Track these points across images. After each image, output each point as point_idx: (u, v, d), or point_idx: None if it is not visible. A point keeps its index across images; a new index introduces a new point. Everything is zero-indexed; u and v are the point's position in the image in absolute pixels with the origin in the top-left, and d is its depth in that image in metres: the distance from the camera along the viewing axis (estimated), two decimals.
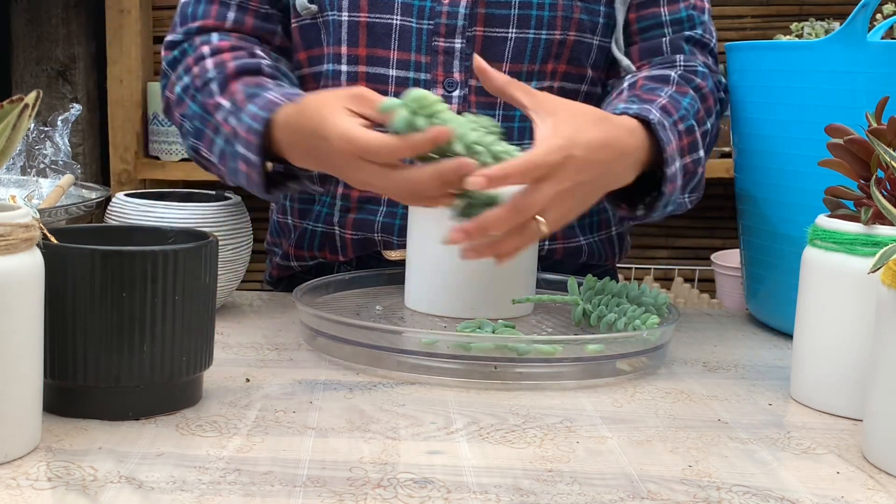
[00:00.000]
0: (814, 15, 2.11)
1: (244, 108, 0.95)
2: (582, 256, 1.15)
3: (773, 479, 0.65)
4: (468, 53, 1.05)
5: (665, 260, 2.28)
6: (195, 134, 1.02)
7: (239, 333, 0.95)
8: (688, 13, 1.10)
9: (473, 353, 0.82)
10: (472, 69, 1.03)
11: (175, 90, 1.05)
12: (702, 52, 1.10)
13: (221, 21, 1.07)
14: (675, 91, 1.02)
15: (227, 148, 0.98)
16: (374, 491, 0.61)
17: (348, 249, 1.12)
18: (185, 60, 1.05)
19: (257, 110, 0.93)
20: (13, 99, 0.61)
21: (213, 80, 1.01)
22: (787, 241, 0.99)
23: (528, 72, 1.06)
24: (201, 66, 1.02)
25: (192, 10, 1.08)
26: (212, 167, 1.03)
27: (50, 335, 0.68)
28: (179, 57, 1.06)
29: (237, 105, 0.97)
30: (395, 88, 1.05)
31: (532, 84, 1.06)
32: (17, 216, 0.62)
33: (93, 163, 2.27)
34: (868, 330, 0.73)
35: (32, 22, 2.21)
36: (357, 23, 1.05)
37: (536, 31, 1.05)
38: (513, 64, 1.05)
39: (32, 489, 0.59)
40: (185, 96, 1.03)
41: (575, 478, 0.64)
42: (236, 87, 0.99)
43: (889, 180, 0.78)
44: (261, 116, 0.92)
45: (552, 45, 1.06)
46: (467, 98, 1.06)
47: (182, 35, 1.07)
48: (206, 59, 1.03)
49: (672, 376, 0.88)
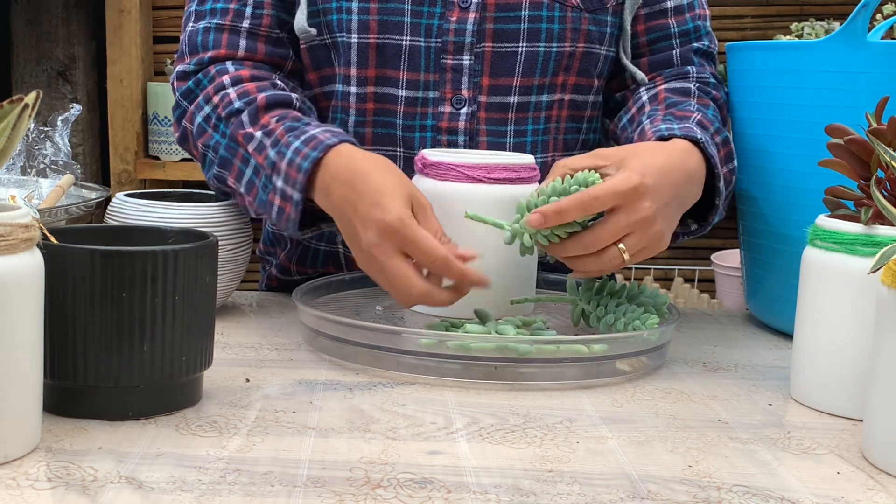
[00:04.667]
0: (814, 15, 2.11)
1: (284, 142, 0.94)
2: None
3: (773, 479, 0.65)
4: (477, 70, 1.04)
5: (665, 260, 2.28)
6: (221, 164, 1.00)
7: (239, 333, 0.95)
8: (694, 24, 1.12)
9: (473, 353, 0.82)
10: (481, 85, 1.05)
11: (195, 120, 1.03)
12: (709, 64, 1.13)
13: (234, 50, 1.05)
14: (698, 104, 1.04)
15: (256, 180, 0.96)
16: (374, 491, 0.61)
17: (353, 264, 1.12)
18: (204, 90, 1.03)
19: (305, 148, 0.92)
20: (13, 99, 0.61)
21: (243, 111, 0.99)
22: (787, 241, 0.99)
23: (539, 85, 1.06)
24: (223, 95, 1.01)
25: (201, 40, 1.05)
26: (237, 197, 1.01)
27: (50, 335, 0.68)
28: (194, 88, 1.04)
29: (276, 138, 0.95)
30: (404, 108, 1.05)
31: (542, 97, 1.07)
32: (17, 216, 0.62)
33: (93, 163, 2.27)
34: (868, 330, 0.73)
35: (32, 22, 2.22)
36: (367, 44, 1.04)
37: (547, 45, 1.05)
38: (523, 78, 1.05)
39: (32, 489, 0.59)
40: (208, 126, 1.02)
41: (575, 478, 0.64)
42: (268, 119, 0.98)
43: (889, 180, 0.78)
44: (311, 156, 0.91)
45: (563, 57, 1.06)
46: (476, 115, 1.05)
47: (194, 66, 1.05)
48: (229, 90, 1.01)
49: (672, 376, 0.88)
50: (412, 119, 1.05)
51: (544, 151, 1.09)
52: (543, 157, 1.09)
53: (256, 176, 0.96)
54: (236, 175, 0.99)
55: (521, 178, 0.95)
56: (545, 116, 1.08)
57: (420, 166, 0.97)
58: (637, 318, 0.88)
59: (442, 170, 0.94)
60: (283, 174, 0.93)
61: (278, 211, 0.94)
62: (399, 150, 1.06)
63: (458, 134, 1.05)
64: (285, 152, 0.93)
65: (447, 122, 1.05)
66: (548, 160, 1.09)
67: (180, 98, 1.05)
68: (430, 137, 1.06)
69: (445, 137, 1.06)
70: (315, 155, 0.91)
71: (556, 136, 1.10)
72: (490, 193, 0.92)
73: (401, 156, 1.06)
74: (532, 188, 0.96)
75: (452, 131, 1.05)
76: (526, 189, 0.95)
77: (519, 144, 1.07)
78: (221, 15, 1.05)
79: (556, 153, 1.10)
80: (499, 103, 1.05)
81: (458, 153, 0.98)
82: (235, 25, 1.05)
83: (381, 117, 1.06)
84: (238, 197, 1.01)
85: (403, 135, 1.06)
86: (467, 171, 0.93)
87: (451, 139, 1.06)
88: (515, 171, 0.94)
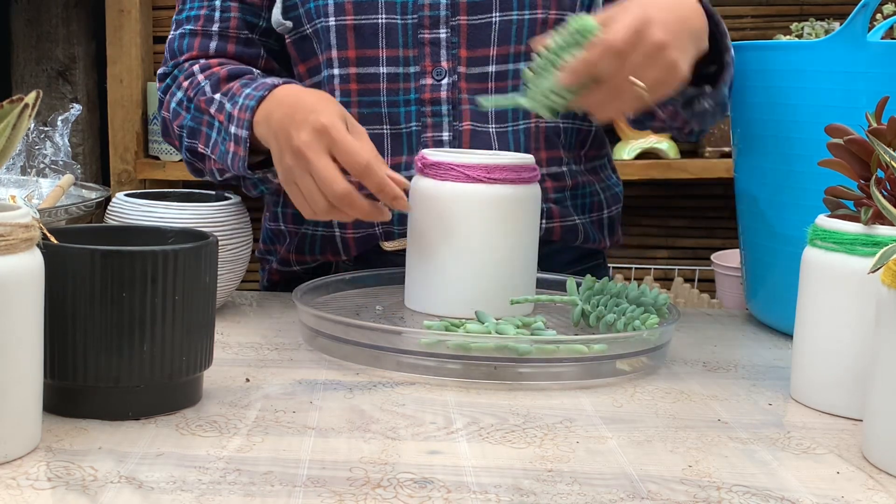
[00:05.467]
0: (814, 15, 2.11)
1: (238, 93, 1.01)
2: (578, 237, 1.16)
3: (773, 479, 0.65)
4: (454, 42, 1.08)
5: (665, 260, 2.28)
6: (190, 134, 1.08)
7: (239, 333, 0.95)
8: None
9: (473, 352, 0.82)
10: (459, 56, 1.08)
11: (170, 107, 1.11)
12: None
13: (205, 51, 1.13)
14: None
15: (217, 137, 1.03)
16: (374, 491, 0.61)
17: (351, 248, 1.13)
18: (177, 80, 1.12)
19: (253, 91, 1.00)
20: (13, 99, 0.61)
21: (206, 84, 1.07)
22: (787, 241, 0.99)
23: (515, 53, 1.09)
24: (192, 80, 1.09)
25: (177, 45, 1.14)
26: (207, 163, 1.08)
27: (50, 335, 0.68)
28: (171, 83, 1.13)
29: (232, 93, 1.03)
30: (387, 85, 1.09)
31: (520, 64, 1.09)
32: (17, 216, 0.62)
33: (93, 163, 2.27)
34: (868, 330, 0.73)
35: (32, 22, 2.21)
36: (344, 26, 1.07)
37: (519, 13, 1.08)
38: (499, 47, 1.08)
39: (32, 489, 0.59)
40: (181, 109, 1.10)
41: (575, 478, 0.64)
42: (229, 84, 1.05)
43: (889, 180, 0.78)
44: (256, 95, 0.98)
45: (535, 24, 1.08)
46: (457, 84, 1.09)
47: (171, 67, 1.14)
48: (197, 75, 1.09)
49: (672, 376, 0.88)
50: (395, 94, 1.09)
51: (526, 118, 1.11)
52: (526, 123, 1.11)
53: (218, 133, 1.03)
54: (204, 140, 1.06)
55: (521, 178, 0.95)
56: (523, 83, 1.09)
57: (420, 166, 0.97)
58: (637, 318, 0.88)
59: (442, 170, 0.94)
60: (236, 119, 1.00)
61: (232, 157, 1.00)
62: (385, 127, 1.10)
63: (441, 104, 1.09)
64: (238, 100, 1.01)
65: (429, 93, 1.09)
66: (531, 127, 1.11)
67: (161, 95, 1.15)
68: (414, 111, 1.09)
69: (430, 108, 1.09)
70: (260, 94, 0.98)
71: None
72: (490, 193, 0.92)
73: (387, 132, 1.10)
74: (533, 188, 0.96)
75: (436, 101, 1.09)
76: (526, 189, 0.95)
77: (500, 112, 1.10)
78: (194, 21, 1.14)
79: (538, 120, 1.11)
80: (478, 74, 1.09)
81: (458, 153, 0.98)
82: (206, 29, 1.13)
83: (365, 97, 1.09)
84: (208, 163, 1.08)
85: (388, 111, 1.09)
86: (467, 171, 0.93)
87: (435, 109, 1.09)
88: (515, 171, 0.94)
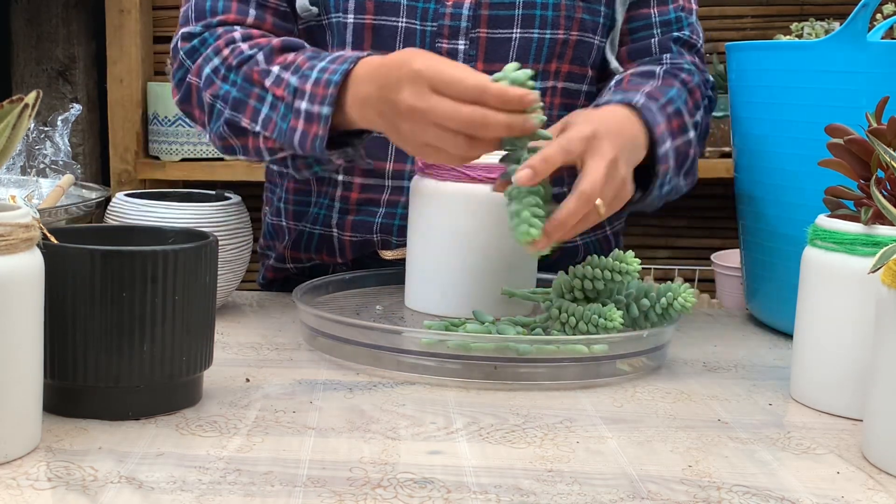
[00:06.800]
0: (814, 15, 2.11)
1: (307, 66, 0.94)
2: (578, 256, 1.15)
3: (773, 479, 0.65)
4: (472, 55, 1.05)
5: (665, 260, 2.28)
6: (233, 107, 0.99)
7: (239, 333, 0.95)
8: (676, 14, 1.12)
9: (473, 352, 0.82)
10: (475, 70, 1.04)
11: (203, 72, 1.02)
12: (689, 52, 1.12)
13: (243, 16, 1.05)
14: (661, 84, 1.03)
15: (274, 113, 0.96)
16: (374, 491, 0.61)
17: (347, 251, 1.13)
18: (213, 45, 1.02)
19: (332, 65, 0.92)
20: (13, 99, 0.61)
21: (257, 53, 0.99)
22: (787, 241, 0.99)
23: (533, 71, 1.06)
24: (234, 48, 1.01)
25: (210, 5, 1.05)
26: (250, 140, 1.00)
27: (50, 335, 0.68)
28: (200, 45, 1.03)
29: (297, 66, 0.95)
30: None
31: (536, 84, 1.06)
32: (17, 216, 0.62)
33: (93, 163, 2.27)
34: (868, 330, 0.73)
35: (32, 22, 2.21)
36: (363, 25, 1.05)
37: (541, 31, 1.06)
38: None
39: (32, 489, 0.59)
40: (216, 77, 1.01)
41: (575, 478, 0.64)
42: (284, 57, 0.97)
43: (889, 180, 0.78)
44: (341, 69, 0.91)
45: (556, 44, 1.06)
46: None
47: (201, 27, 1.04)
48: (239, 43, 1.01)
49: (672, 376, 0.88)
50: None
51: None
52: None
53: (274, 110, 0.96)
54: (251, 114, 0.98)
55: None
56: None
57: (420, 166, 0.97)
58: (598, 314, 0.86)
59: (442, 170, 0.94)
60: (309, 95, 0.92)
61: (301, 135, 0.93)
62: None
63: None
64: (310, 74, 0.93)
65: None
66: None
67: (184, 57, 1.05)
68: None
69: None
70: (345, 67, 0.91)
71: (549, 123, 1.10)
72: (490, 193, 0.92)
73: None
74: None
75: None
76: None
77: None
78: None
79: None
80: None
81: None
82: None
83: None
84: (252, 140, 1.00)
85: None
86: (467, 171, 0.93)
87: None
88: None
